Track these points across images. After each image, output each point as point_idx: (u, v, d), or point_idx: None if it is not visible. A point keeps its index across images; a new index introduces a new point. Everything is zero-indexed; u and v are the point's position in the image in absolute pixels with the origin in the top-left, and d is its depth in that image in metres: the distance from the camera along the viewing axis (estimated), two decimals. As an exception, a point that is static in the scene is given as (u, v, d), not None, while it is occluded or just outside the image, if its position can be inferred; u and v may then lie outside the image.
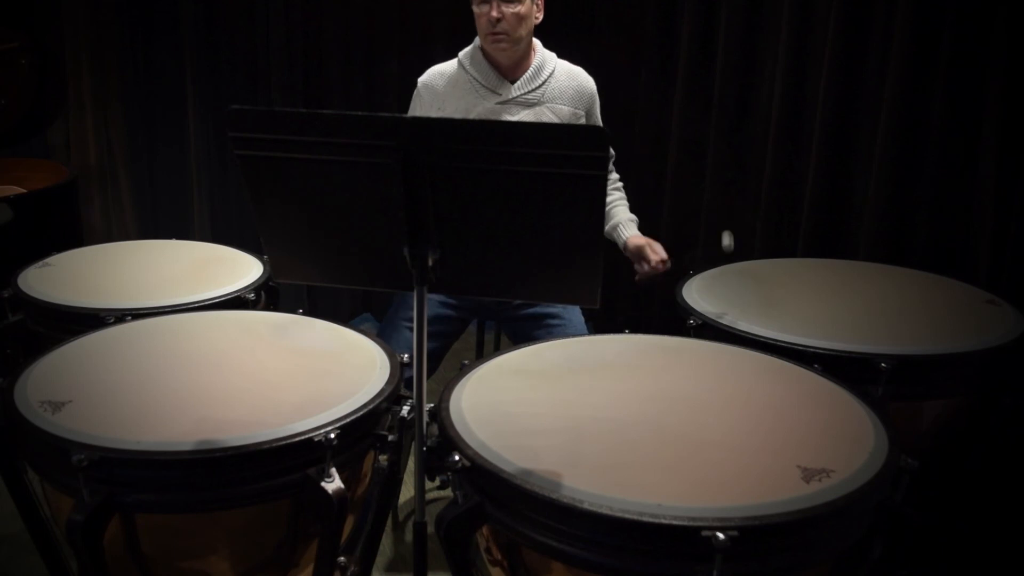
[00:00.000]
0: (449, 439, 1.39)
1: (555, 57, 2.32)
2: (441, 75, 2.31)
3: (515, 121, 2.10)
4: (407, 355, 1.66)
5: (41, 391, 1.52)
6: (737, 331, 1.82)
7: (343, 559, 1.54)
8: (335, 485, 1.41)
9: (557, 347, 1.76)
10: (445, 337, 2.34)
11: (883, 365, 1.67)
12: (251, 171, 1.36)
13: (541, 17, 2.24)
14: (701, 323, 1.90)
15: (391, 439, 1.56)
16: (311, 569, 1.51)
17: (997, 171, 2.22)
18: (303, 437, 1.39)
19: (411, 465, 1.65)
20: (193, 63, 3.50)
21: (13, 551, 2.27)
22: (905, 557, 1.32)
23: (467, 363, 1.65)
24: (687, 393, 1.54)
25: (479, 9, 2.17)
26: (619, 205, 2.40)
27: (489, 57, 2.25)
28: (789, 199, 2.77)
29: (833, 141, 2.58)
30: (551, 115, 2.27)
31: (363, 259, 1.43)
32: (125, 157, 3.58)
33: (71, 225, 3.12)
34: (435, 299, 2.27)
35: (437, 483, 1.44)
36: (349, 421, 1.45)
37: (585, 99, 2.32)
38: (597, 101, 2.36)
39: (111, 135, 3.55)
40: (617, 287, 3.42)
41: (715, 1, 2.93)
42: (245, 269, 2.24)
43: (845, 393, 1.54)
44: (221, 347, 1.73)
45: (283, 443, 1.38)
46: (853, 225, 2.60)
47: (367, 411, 1.49)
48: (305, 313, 1.92)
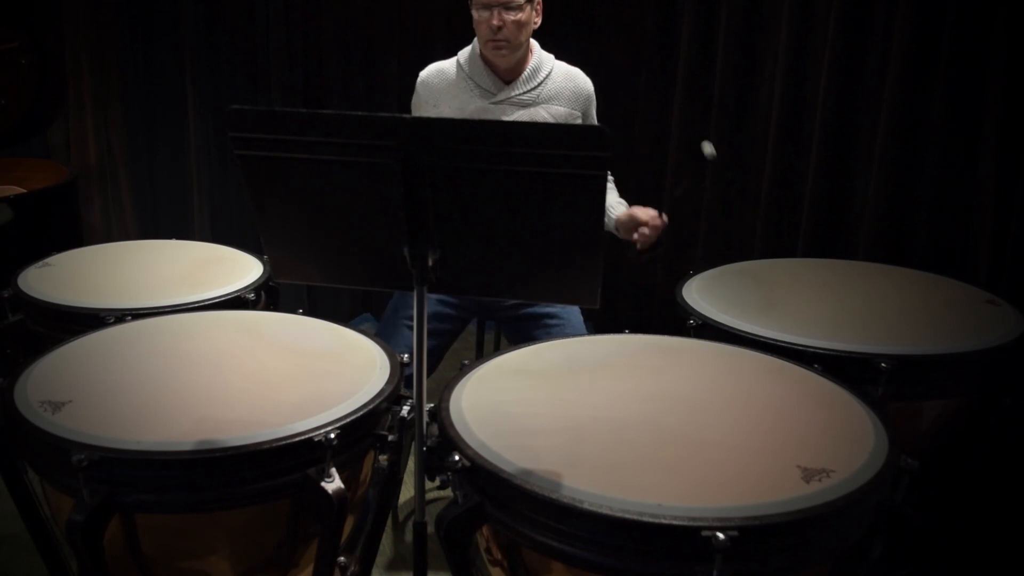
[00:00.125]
0: (449, 439, 1.39)
1: (553, 58, 2.32)
2: (439, 73, 2.31)
3: (515, 121, 2.10)
4: (407, 355, 1.66)
5: (41, 391, 1.52)
6: (737, 331, 1.82)
7: (343, 559, 1.54)
8: (335, 485, 1.41)
9: (557, 347, 1.76)
10: (444, 335, 2.34)
11: (883, 365, 1.67)
12: (251, 171, 1.36)
13: (539, 22, 2.24)
14: (701, 323, 1.90)
15: (391, 439, 1.56)
16: (311, 569, 1.51)
17: (997, 171, 2.22)
18: (303, 437, 1.39)
19: (411, 465, 1.65)
20: (193, 63, 3.50)
21: (13, 551, 2.27)
22: (905, 557, 1.33)
23: (467, 363, 1.65)
24: (687, 393, 1.54)
25: (480, 16, 2.16)
26: (609, 191, 2.35)
27: (487, 60, 2.25)
28: (789, 199, 2.77)
29: (833, 141, 2.58)
30: (546, 115, 2.27)
31: (363, 259, 1.43)
32: (125, 157, 3.58)
33: (71, 225, 3.12)
34: (433, 297, 2.27)
35: (437, 483, 1.44)
36: (349, 421, 1.45)
37: (582, 100, 2.32)
38: (594, 102, 2.36)
39: (111, 135, 3.55)
40: (617, 287, 3.42)
41: (715, 1, 2.93)
42: (245, 269, 2.24)
43: (845, 393, 1.54)
44: (221, 347, 1.73)
45: (283, 443, 1.38)
46: (853, 225, 2.60)
47: (367, 411, 1.49)
48: (305, 313, 1.92)
